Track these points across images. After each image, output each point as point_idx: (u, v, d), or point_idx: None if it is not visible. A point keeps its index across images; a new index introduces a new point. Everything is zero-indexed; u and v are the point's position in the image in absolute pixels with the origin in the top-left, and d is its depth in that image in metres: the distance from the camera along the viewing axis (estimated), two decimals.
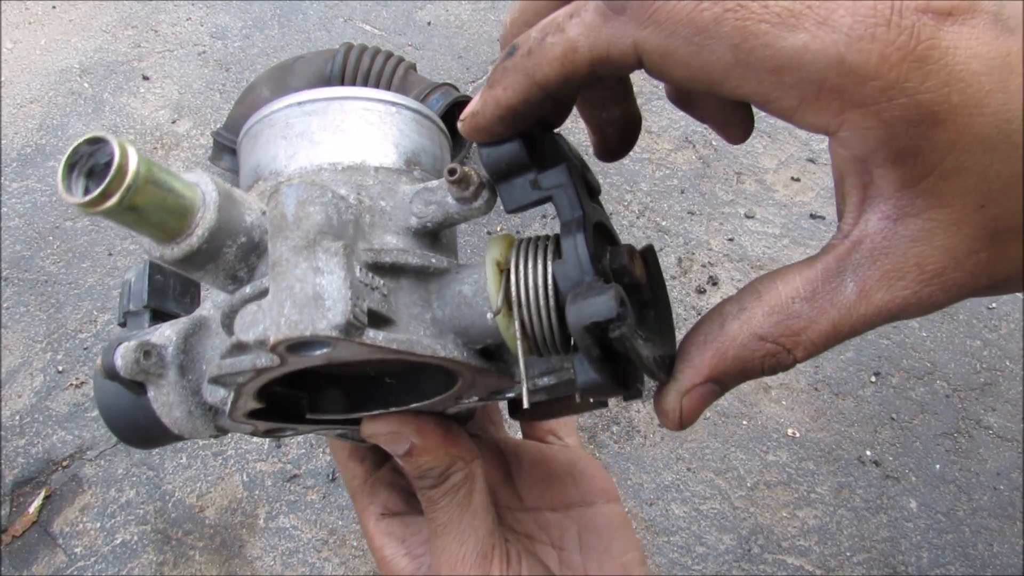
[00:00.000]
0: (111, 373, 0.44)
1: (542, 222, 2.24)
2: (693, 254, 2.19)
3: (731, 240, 2.23)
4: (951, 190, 0.31)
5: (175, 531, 1.68)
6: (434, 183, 0.43)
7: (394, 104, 0.47)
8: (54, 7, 2.82)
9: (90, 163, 0.35)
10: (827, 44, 0.29)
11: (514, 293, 0.39)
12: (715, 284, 2.13)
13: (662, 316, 0.43)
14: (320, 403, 0.48)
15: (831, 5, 0.30)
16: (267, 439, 0.51)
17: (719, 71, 0.31)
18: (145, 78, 2.58)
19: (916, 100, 0.29)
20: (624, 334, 0.35)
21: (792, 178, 2.40)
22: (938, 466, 1.83)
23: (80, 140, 0.35)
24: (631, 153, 0.51)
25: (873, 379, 1.97)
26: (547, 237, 0.41)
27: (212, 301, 0.48)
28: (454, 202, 0.41)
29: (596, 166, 0.49)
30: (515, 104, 0.37)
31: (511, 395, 0.47)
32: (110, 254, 2.12)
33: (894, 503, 1.78)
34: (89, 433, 1.80)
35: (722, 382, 0.37)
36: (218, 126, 2.20)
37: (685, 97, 0.45)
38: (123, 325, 0.50)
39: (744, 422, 1.88)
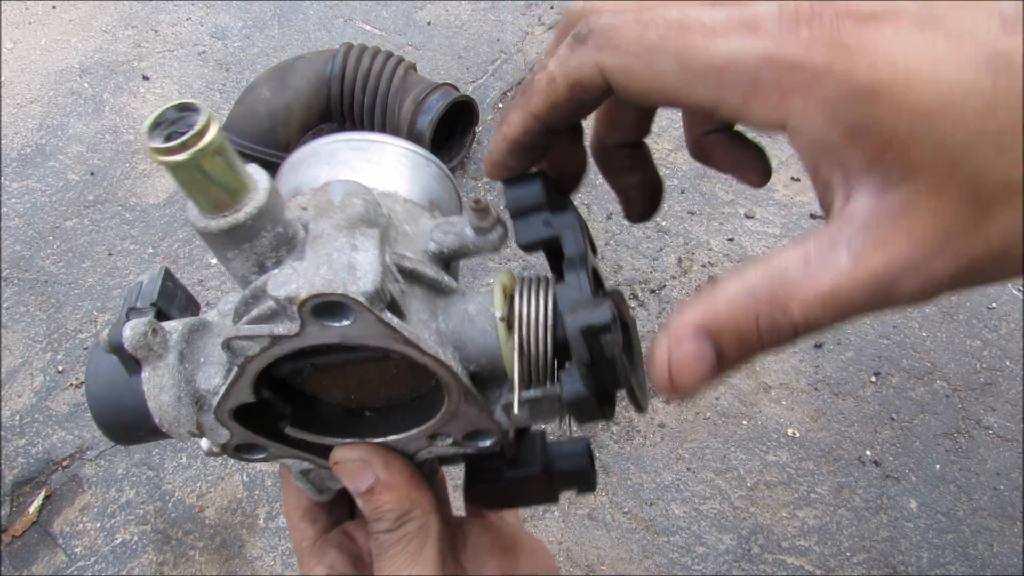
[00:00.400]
0: (115, 345, 0.45)
1: None
2: (693, 254, 2.19)
3: (731, 240, 2.23)
4: (918, 157, 0.32)
5: (175, 531, 1.68)
6: (454, 218, 0.48)
7: (424, 157, 0.54)
8: (54, 7, 2.82)
9: (171, 128, 0.39)
10: (756, 46, 0.33)
11: (517, 310, 0.43)
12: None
13: (639, 377, 0.46)
14: (309, 418, 0.49)
15: (759, 17, 0.34)
16: (235, 459, 0.51)
17: (670, 80, 0.36)
18: (145, 78, 2.58)
19: (847, 80, 0.32)
20: (615, 339, 0.38)
21: (792, 178, 2.40)
22: (938, 466, 1.83)
23: (170, 104, 0.39)
24: None
25: (873, 379, 1.97)
26: (547, 277, 0.45)
27: (218, 309, 0.50)
28: (471, 233, 0.46)
29: (594, 175, 0.51)
30: (518, 136, 0.42)
31: (487, 443, 0.49)
32: (110, 254, 2.12)
33: (894, 503, 1.78)
34: (89, 433, 1.80)
35: (717, 341, 0.36)
36: None
37: (702, 151, 0.50)
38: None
39: (744, 422, 1.88)
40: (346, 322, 0.39)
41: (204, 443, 0.51)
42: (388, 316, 0.39)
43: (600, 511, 1.74)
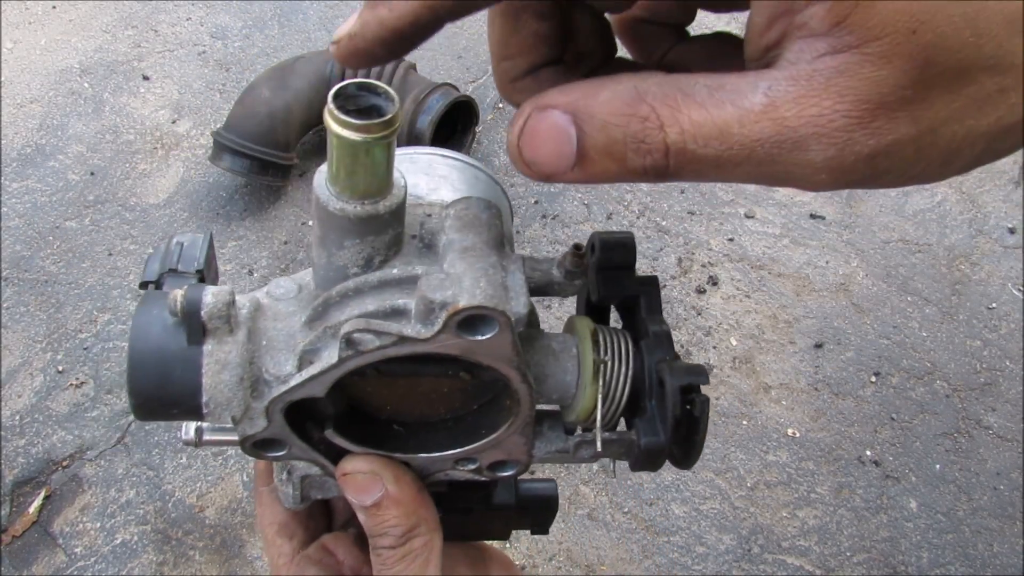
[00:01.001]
0: (190, 309, 0.42)
1: (542, 222, 2.24)
2: (693, 254, 2.20)
3: (731, 240, 2.23)
4: (881, 18, 0.29)
5: (175, 531, 1.68)
6: (539, 256, 0.50)
7: (503, 190, 0.58)
8: (54, 7, 2.82)
9: (347, 103, 0.39)
10: None
11: (604, 357, 0.46)
12: (715, 284, 2.13)
13: None
14: (340, 424, 0.48)
15: None
16: (249, 453, 0.49)
17: None
18: (145, 78, 2.58)
19: None
20: (707, 400, 0.43)
21: None
22: (938, 466, 1.83)
23: (354, 80, 0.39)
24: None
25: (873, 379, 1.97)
26: (625, 331, 0.49)
27: (267, 292, 0.47)
28: (559, 274, 0.48)
29: None
30: (402, 27, 0.35)
31: (507, 473, 0.50)
32: (110, 254, 2.13)
33: (894, 503, 1.78)
34: (89, 433, 1.80)
35: (581, 128, 0.32)
36: (218, 126, 2.20)
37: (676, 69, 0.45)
38: (151, 284, 0.48)
39: (744, 422, 1.88)
40: (482, 338, 0.39)
41: (187, 432, 0.49)
42: (518, 341, 0.40)
43: (600, 511, 1.74)
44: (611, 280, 0.49)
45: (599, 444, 0.46)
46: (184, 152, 2.38)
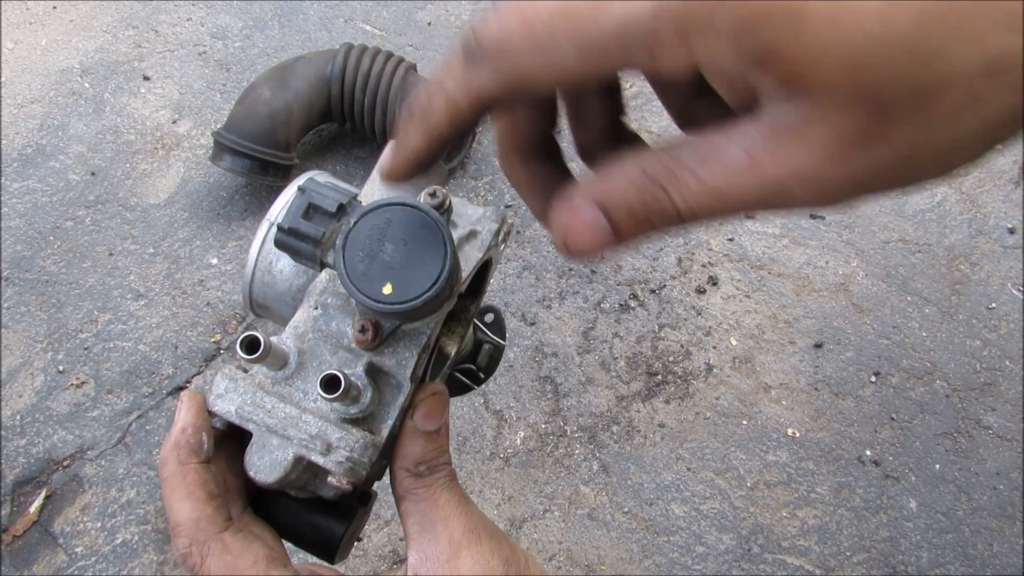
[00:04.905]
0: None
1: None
2: (693, 254, 2.20)
3: (731, 240, 2.23)
4: (823, 76, 0.31)
5: None
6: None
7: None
8: (54, 7, 2.82)
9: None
10: (639, 5, 0.34)
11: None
12: (715, 284, 2.13)
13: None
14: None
15: None
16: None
17: (573, 65, 0.36)
18: (146, 78, 2.59)
19: (742, 8, 0.31)
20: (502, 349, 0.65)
21: None
22: (938, 466, 1.83)
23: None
24: None
25: (873, 379, 1.97)
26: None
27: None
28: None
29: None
30: (420, 157, 0.45)
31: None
32: (110, 254, 2.13)
33: (894, 503, 1.78)
34: (90, 433, 1.80)
35: (609, 214, 0.38)
36: (218, 126, 2.20)
37: (693, 122, 0.50)
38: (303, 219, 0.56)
39: (744, 422, 1.88)
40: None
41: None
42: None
43: (600, 511, 1.74)
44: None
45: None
46: (184, 152, 2.38)
